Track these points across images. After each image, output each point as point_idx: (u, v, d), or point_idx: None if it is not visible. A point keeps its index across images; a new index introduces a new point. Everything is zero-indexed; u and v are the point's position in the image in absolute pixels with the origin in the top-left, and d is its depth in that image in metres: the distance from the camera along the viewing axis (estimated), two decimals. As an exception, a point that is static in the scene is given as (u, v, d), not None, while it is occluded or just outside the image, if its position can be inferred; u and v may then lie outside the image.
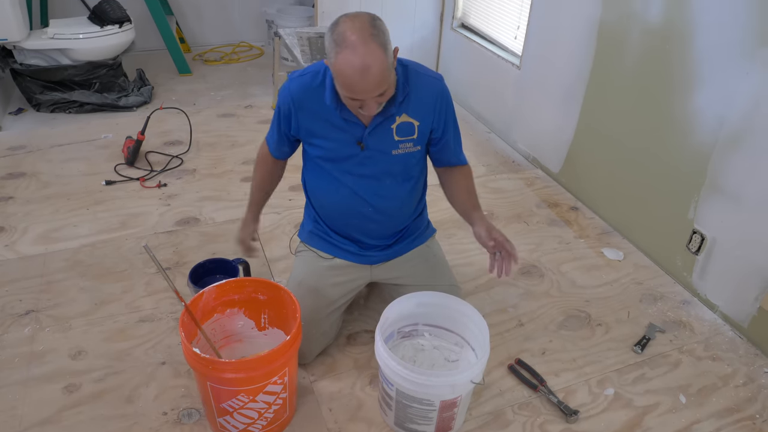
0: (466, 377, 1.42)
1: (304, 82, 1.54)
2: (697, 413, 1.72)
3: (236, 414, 1.47)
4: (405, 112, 1.55)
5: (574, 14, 2.61)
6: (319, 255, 1.78)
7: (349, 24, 1.32)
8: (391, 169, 1.62)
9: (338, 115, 1.53)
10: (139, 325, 1.91)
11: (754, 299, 1.96)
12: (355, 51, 1.29)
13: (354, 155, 1.58)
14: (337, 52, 1.31)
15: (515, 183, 2.91)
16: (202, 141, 3.14)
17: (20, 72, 3.30)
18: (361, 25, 1.32)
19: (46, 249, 2.24)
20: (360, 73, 1.31)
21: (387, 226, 1.73)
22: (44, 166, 2.82)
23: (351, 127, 1.55)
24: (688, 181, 2.14)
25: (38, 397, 1.64)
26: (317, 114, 1.55)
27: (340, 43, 1.31)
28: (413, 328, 1.72)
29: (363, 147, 1.57)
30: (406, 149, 1.59)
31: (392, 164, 1.61)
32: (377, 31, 1.33)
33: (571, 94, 2.70)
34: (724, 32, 1.92)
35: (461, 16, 3.68)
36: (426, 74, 1.58)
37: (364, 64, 1.30)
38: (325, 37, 1.37)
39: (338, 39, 1.31)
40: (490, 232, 1.54)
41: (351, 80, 1.33)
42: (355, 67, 1.30)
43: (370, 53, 1.30)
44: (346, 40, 1.30)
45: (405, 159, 1.61)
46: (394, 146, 1.58)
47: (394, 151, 1.58)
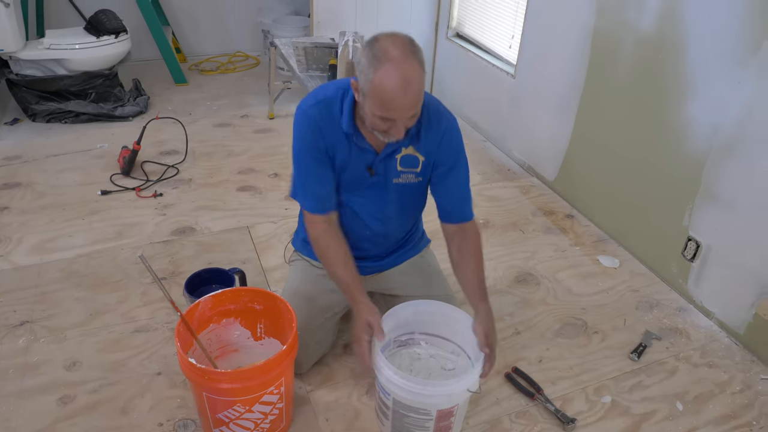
0: (463, 386, 1.42)
1: (322, 110, 1.49)
2: (694, 420, 1.72)
3: (232, 425, 1.46)
4: (412, 145, 1.54)
5: (568, 23, 2.63)
6: (312, 264, 1.77)
7: (389, 40, 1.31)
8: (393, 196, 1.63)
9: (353, 142, 1.51)
10: (134, 336, 1.90)
11: (750, 306, 1.96)
12: (399, 65, 1.28)
13: (363, 180, 1.57)
14: (378, 67, 1.29)
15: (511, 191, 2.92)
16: (198, 150, 3.14)
17: (16, 82, 3.30)
18: (402, 42, 1.31)
19: (41, 259, 2.24)
20: (402, 87, 1.28)
21: (381, 245, 1.75)
22: (40, 176, 2.82)
23: (363, 154, 1.53)
24: (682, 188, 2.15)
25: (32, 408, 1.63)
26: (335, 143, 1.51)
27: (380, 58, 1.29)
28: (410, 336, 1.72)
29: (373, 173, 1.56)
30: (407, 179, 1.59)
31: (394, 192, 1.61)
32: (417, 49, 1.32)
33: (565, 102, 2.71)
34: (716, 41, 1.94)
35: (456, 26, 3.70)
36: (439, 111, 1.56)
37: (406, 78, 1.28)
38: (360, 54, 1.34)
39: (379, 54, 1.29)
40: (488, 337, 1.50)
41: (391, 95, 1.29)
42: (397, 81, 1.28)
43: (412, 68, 1.29)
44: (388, 54, 1.28)
45: (407, 189, 1.62)
46: (396, 175, 1.58)
47: (395, 179, 1.59)
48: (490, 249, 2.44)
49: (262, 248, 2.36)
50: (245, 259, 2.29)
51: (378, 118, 1.35)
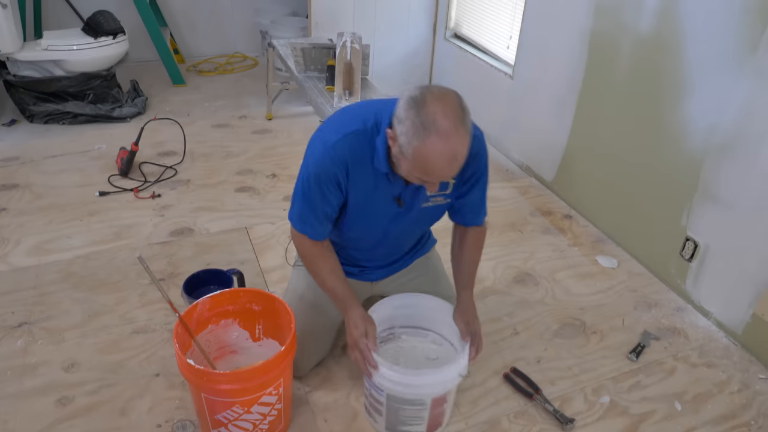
0: (454, 372, 1.45)
1: (352, 145, 1.40)
2: (692, 420, 1.72)
3: (231, 426, 1.46)
4: None
5: (565, 24, 2.63)
6: None
7: (440, 107, 1.22)
8: (419, 220, 1.60)
9: (384, 176, 1.44)
10: (132, 337, 1.90)
11: (748, 306, 1.97)
12: (448, 140, 1.21)
13: (389, 211, 1.52)
14: (425, 137, 1.22)
15: (509, 192, 2.92)
16: (197, 151, 3.14)
17: (14, 83, 3.30)
18: (453, 109, 1.23)
19: (39, 261, 2.23)
20: (448, 162, 1.24)
21: (394, 255, 1.75)
22: (37, 178, 2.81)
23: (393, 185, 1.47)
24: (680, 188, 2.15)
25: (31, 410, 1.63)
26: (365, 176, 1.44)
27: (429, 128, 1.21)
28: (390, 332, 1.73)
29: (402, 204, 1.51)
30: (436, 203, 1.56)
31: (420, 215, 1.58)
32: (466, 115, 1.25)
33: (563, 103, 2.72)
34: (714, 41, 1.94)
35: (454, 27, 3.70)
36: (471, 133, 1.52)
37: (454, 154, 1.23)
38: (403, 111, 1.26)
39: (427, 123, 1.21)
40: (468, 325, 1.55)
41: (435, 168, 1.25)
42: (445, 157, 1.23)
43: (461, 142, 1.23)
44: (437, 125, 1.21)
45: (432, 211, 1.59)
46: (425, 200, 1.54)
47: (424, 204, 1.55)
48: (489, 249, 2.44)
49: (261, 249, 2.36)
50: (243, 260, 2.29)
51: (414, 176, 1.32)
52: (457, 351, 1.65)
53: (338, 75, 2.66)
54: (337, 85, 2.66)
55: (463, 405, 1.72)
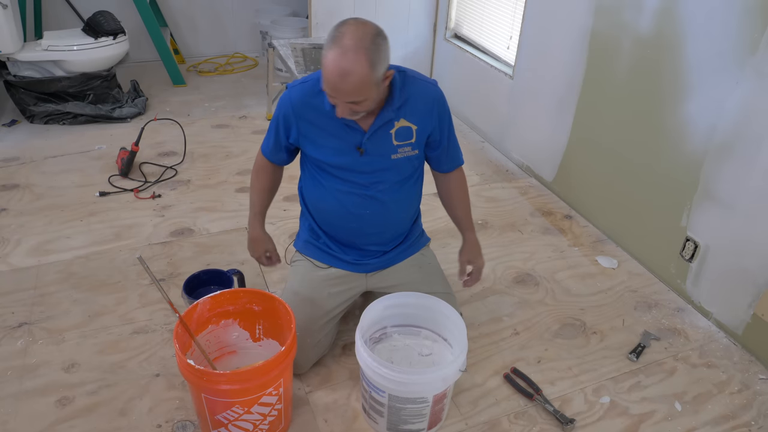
0: (455, 367, 1.46)
1: (305, 90, 1.56)
2: (692, 420, 1.72)
3: (231, 426, 1.46)
4: (403, 117, 1.57)
5: (566, 24, 2.63)
6: (315, 264, 1.77)
7: (352, 28, 1.35)
8: (390, 173, 1.64)
9: (338, 121, 1.54)
10: (132, 337, 1.90)
11: (748, 306, 1.97)
12: (343, 56, 1.33)
13: (353, 160, 1.59)
14: (329, 48, 1.35)
15: (509, 192, 2.92)
16: (197, 152, 3.14)
17: (14, 84, 3.30)
18: (362, 33, 1.34)
19: (39, 261, 2.23)
20: (339, 75, 1.34)
21: (386, 230, 1.75)
22: (38, 178, 2.81)
23: (351, 132, 1.56)
24: (680, 188, 2.15)
25: (31, 410, 1.63)
26: (317, 121, 1.57)
27: (334, 40, 1.34)
28: (382, 332, 1.74)
29: (362, 152, 1.58)
30: (405, 153, 1.62)
31: (391, 168, 1.63)
32: (373, 47, 1.34)
33: (563, 103, 2.72)
34: (714, 42, 1.94)
35: (454, 27, 3.71)
36: (422, 80, 1.61)
37: (345, 69, 1.33)
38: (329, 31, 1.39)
39: (336, 36, 1.35)
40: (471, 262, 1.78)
41: (329, 78, 1.37)
42: (337, 71, 1.34)
43: (355, 62, 1.33)
44: (341, 40, 1.33)
45: (403, 163, 1.64)
46: (393, 150, 1.60)
47: (393, 155, 1.60)
48: (489, 250, 2.44)
49: (261, 249, 2.36)
50: (244, 260, 2.29)
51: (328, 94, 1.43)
52: (452, 346, 1.67)
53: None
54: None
55: (463, 405, 1.72)
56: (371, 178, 1.63)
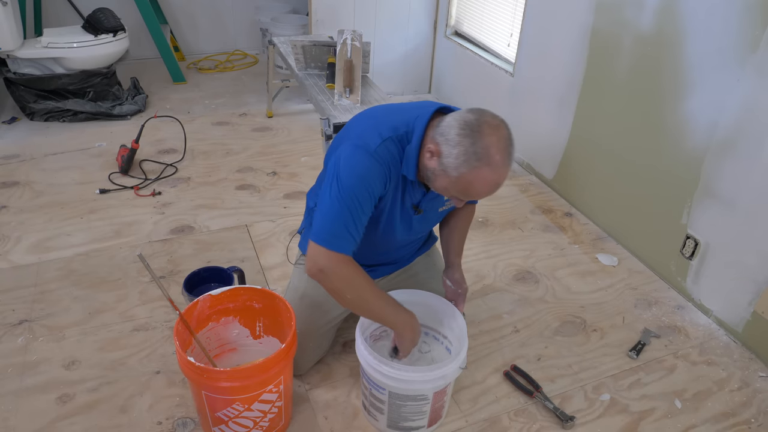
0: (455, 365, 1.47)
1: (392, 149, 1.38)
2: (692, 418, 1.72)
3: (231, 423, 1.46)
4: None
5: (566, 22, 2.63)
6: None
7: (495, 140, 1.25)
8: (431, 221, 1.64)
9: (408, 184, 1.45)
10: (133, 335, 1.90)
11: (748, 303, 1.97)
12: (497, 172, 1.27)
13: (407, 218, 1.53)
14: (478, 167, 1.26)
15: (510, 189, 2.92)
16: (197, 149, 3.14)
17: (14, 81, 3.30)
18: (506, 144, 1.27)
19: (40, 258, 2.23)
20: (492, 191, 1.32)
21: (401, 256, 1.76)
22: (38, 175, 2.81)
23: (414, 192, 1.48)
24: (681, 186, 2.15)
25: (31, 407, 1.63)
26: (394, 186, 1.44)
27: (482, 159, 1.25)
28: (382, 330, 1.74)
29: (420, 212, 1.53)
30: (450, 205, 1.61)
31: (436, 219, 1.63)
32: (513, 149, 1.30)
33: (564, 100, 2.71)
34: (714, 39, 1.94)
35: (454, 24, 3.70)
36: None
37: (498, 184, 1.31)
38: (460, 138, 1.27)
39: (481, 154, 1.25)
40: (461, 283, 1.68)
41: (478, 194, 1.32)
42: (491, 186, 1.30)
43: (506, 173, 1.30)
44: (491, 158, 1.25)
45: (447, 211, 1.65)
46: (441, 204, 1.58)
47: (441, 208, 1.60)
48: (489, 247, 2.44)
49: (261, 247, 2.36)
50: (244, 257, 2.29)
51: (446, 192, 1.36)
52: (451, 342, 1.67)
53: (339, 72, 2.65)
54: (337, 83, 2.66)
55: (463, 403, 1.72)
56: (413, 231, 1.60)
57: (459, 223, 1.72)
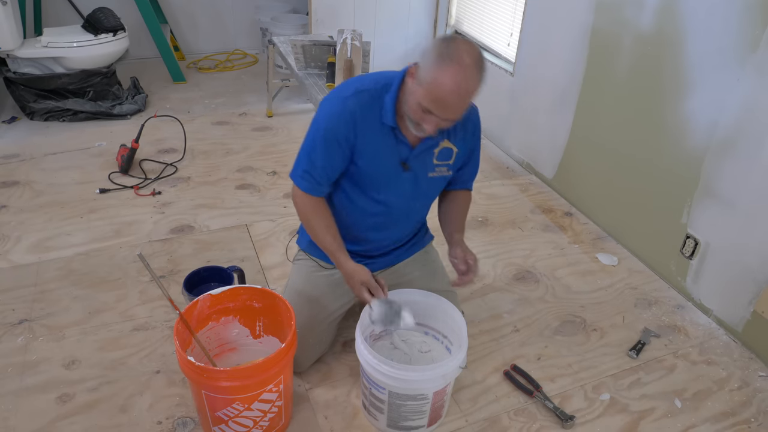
0: (455, 364, 1.47)
1: (363, 101, 1.46)
2: (692, 417, 1.72)
3: (231, 422, 1.46)
4: (447, 138, 1.56)
5: (566, 21, 2.63)
6: (320, 264, 1.77)
7: (466, 47, 1.30)
8: (425, 190, 1.64)
9: (391, 134, 1.49)
10: (133, 334, 1.90)
11: (748, 303, 1.97)
12: (465, 73, 1.28)
13: (395, 175, 1.56)
14: (446, 64, 1.28)
15: (509, 189, 2.92)
16: (197, 149, 3.14)
17: (14, 80, 3.30)
18: (477, 55, 1.31)
19: (40, 258, 2.23)
20: (459, 93, 1.30)
21: (397, 237, 1.75)
22: (38, 175, 2.81)
23: (399, 147, 1.51)
24: (681, 185, 2.15)
25: (31, 407, 1.63)
26: (372, 136, 1.48)
27: (452, 57, 1.28)
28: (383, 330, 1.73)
29: (407, 168, 1.55)
30: (441, 173, 1.61)
31: (426, 185, 1.62)
32: (484, 66, 1.33)
33: (564, 100, 2.71)
34: (715, 39, 1.94)
35: (454, 24, 3.70)
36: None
37: (467, 90, 1.30)
38: (431, 45, 1.33)
39: (452, 53, 1.28)
40: (465, 255, 1.61)
41: (446, 95, 1.30)
42: (459, 89, 1.29)
43: (474, 82, 1.31)
44: (461, 58, 1.28)
45: (437, 181, 1.64)
46: (431, 169, 1.59)
47: (431, 173, 1.59)
48: (489, 246, 2.44)
49: (261, 246, 2.36)
50: (244, 257, 2.29)
51: (420, 108, 1.36)
52: (451, 342, 1.67)
53: (338, 72, 2.65)
54: (337, 82, 2.66)
55: (463, 402, 1.72)
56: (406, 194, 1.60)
57: (456, 205, 1.73)
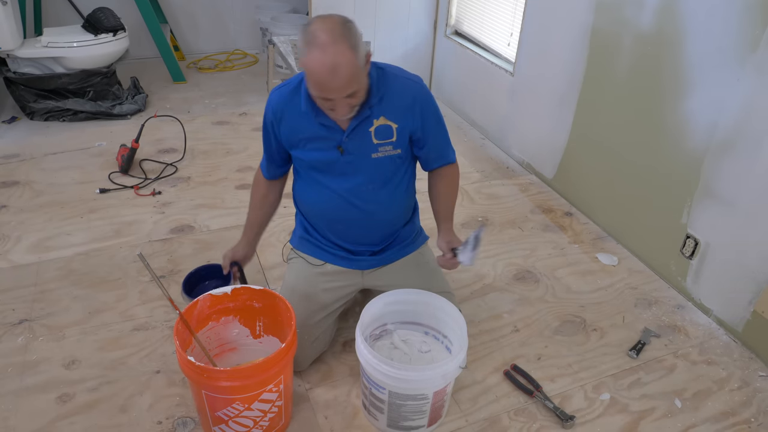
0: (455, 364, 1.47)
1: (282, 93, 1.58)
2: (692, 417, 1.72)
3: (231, 422, 1.46)
4: (383, 115, 1.54)
5: (566, 21, 2.63)
6: (310, 261, 1.77)
7: (320, 24, 1.34)
8: (373, 173, 1.61)
9: (316, 122, 1.54)
10: (133, 334, 1.90)
11: (748, 303, 1.97)
12: (325, 50, 1.31)
13: (335, 160, 1.59)
14: (308, 51, 1.34)
15: (510, 189, 2.92)
16: (197, 149, 3.14)
17: (14, 80, 3.30)
18: (332, 25, 1.34)
19: (40, 258, 2.23)
20: (329, 71, 1.32)
21: (373, 231, 1.73)
22: (38, 175, 2.81)
23: (330, 132, 1.55)
24: (681, 185, 2.15)
25: (31, 407, 1.63)
26: (297, 123, 1.57)
27: (310, 42, 1.33)
28: (383, 329, 1.74)
29: (343, 151, 1.57)
30: (386, 152, 1.59)
31: (373, 168, 1.60)
32: (348, 33, 1.35)
33: (564, 100, 2.71)
34: (715, 39, 1.94)
35: (455, 24, 3.70)
36: (403, 76, 1.58)
37: (333, 63, 1.32)
38: (298, 38, 1.40)
39: (309, 38, 1.34)
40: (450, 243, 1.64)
41: (320, 78, 1.34)
42: (325, 66, 1.32)
43: (339, 53, 1.32)
44: (316, 39, 1.33)
45: (385, 162, 1.61)
46: (373, 149, 1.58)
47: (374, 154, 1.58)
48: (489, 246, 2.44)
49: (261, 246, 2.35)
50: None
51: (319, 99, 1.42)
52: (451, 342, 1.67)
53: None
54: (337, 82, 2.65)
55: (463, 402, 1.72)
56: (354, 178, 1.61)
57: (440, 188, 1.74)
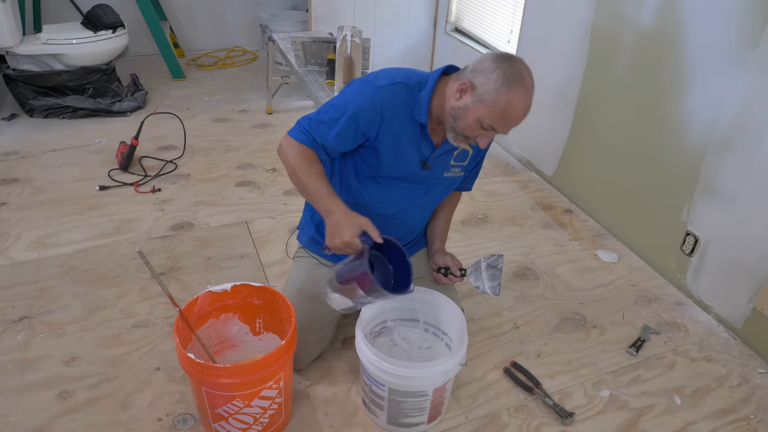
0: (455, 361, 1.47)
1: (397, 94, 1.46)
2: (692, 414, 1.72)
3: (231, 419, 1.46)
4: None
5: (567, 18, 2.62)
6: (321, 262, 1.77)
7: (525, 68, 1.38)
8: (436, 188, 1.66)
9: (419, 133, 1.50)
10: (133, 331, 1.90)
11: (748, 300, 1.97)
12: (528, 95, 1.38)
13: (414, 173, 1.58)
14: (512, 87, 1.35)
15: (510, 186, 2.92)
16: (197, 146, 3.14)
17: (13, 77, 3.29)
18: (532, 76, 1.39)
19: (40, 255, 2.23)
20: (524, 114, 1.40)
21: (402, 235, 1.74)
22: (37, 172, 2.81)
23: (422, 145, 1.53)
24: (681, 182, 2.15)
25: (31, 404, 1.63)
26: (399, 129, 1.49)
27: (518, 80, 1.35)
28: (383, 326, 1.74)
29: (428, 167, 1.57)
30: (454, 173, 1.64)
31: (440, 184, 1.65)
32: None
33: (564, 97, 2.71)
34: (715, 36, 1.94)
35: (454, 20, 3.69)
36: None
37: (529, 108, 1.40)
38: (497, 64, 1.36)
39: (516, 75, 1.35)
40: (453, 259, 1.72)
41: (515, 117, 1.39)
42: (524, 108, 1.39)
43: (531, 100, 1.40)
44: (524, 80, 1.36)
45: (450, 182, 1.67)
46: (447, 169, 1.62)
47: (446, 173, 1.63)
48: (489, 243, 2.44)
49: (261, 243, 2.36)
50: (244, 254, 2.29)
51: (479, 124, 1.41)
52: (451, 339, 1.67)
53: (338, 69, 2.65)
54: (337, 79, 2.65)
55: (463, 399, 1.72)
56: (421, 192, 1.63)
57: (446, 209, 1.81)
